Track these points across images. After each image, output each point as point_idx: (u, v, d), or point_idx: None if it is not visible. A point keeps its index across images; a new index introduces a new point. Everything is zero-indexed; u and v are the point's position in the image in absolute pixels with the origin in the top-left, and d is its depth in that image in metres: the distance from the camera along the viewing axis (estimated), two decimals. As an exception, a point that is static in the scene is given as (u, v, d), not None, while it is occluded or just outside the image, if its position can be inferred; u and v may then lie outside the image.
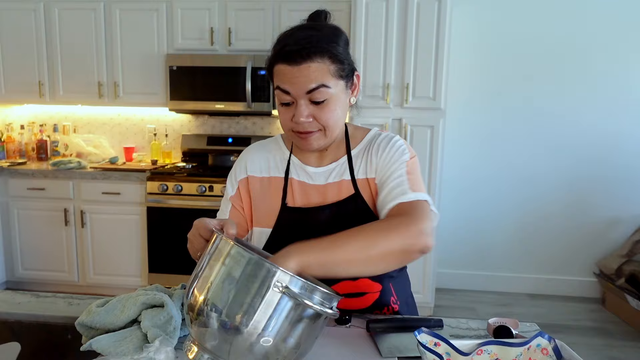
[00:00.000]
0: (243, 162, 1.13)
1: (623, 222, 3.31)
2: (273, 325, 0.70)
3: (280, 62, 0.93)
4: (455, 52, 3.19)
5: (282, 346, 0.71)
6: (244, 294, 0.70)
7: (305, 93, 0.93)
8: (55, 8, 3.27)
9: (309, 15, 1.03)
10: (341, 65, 0.95)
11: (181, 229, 3.01)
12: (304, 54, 0.91)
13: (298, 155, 1.10)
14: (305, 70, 0.91)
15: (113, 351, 0.85)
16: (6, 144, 3.53)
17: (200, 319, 0.72)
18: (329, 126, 0.97)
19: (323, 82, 0.93)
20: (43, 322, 1.05)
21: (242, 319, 0.69)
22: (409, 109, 2.87)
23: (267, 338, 0.70)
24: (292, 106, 0.96)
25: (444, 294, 3.38)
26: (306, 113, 0.95)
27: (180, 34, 3.19)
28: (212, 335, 0.71)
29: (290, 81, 0.93)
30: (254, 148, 1.15)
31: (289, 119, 0.97)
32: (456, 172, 3.40)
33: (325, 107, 0.95)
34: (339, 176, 1.06)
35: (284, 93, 0.95)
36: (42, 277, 3.27)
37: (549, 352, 0.82)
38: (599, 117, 3.25)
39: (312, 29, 0.96)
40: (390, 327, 0.97)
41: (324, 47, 0.92)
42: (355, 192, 1.04)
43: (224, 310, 0.70)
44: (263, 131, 3.53)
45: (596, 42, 3.19)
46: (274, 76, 0.97)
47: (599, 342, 2.73)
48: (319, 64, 0.92)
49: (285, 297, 0.70)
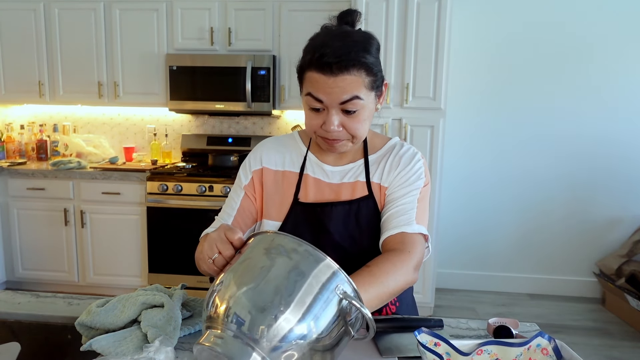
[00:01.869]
0: (258, 153, 1.13)
1: (623, 222, 3.31)
2: (326, 326, 0.70)
3: (314, 70, 0.92)
4: (455, 52, 3.20)
5: (318, 347, 0.71)
6: (308, 290, 0.70)
7: (339, 104, 0.94)
8: (55, 8, 3.27)
9: (339, 14, 1.01)
10: (375, 77, 0.96)
11: (181, 229, 3.03)
12: (341, 66, 0.90)
13: (316, 153, 1.11)
14: (341, 82, 0.92)
15: (113, 351, 0.85)
16: (6, 144, 3.53)
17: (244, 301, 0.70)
18: (357, 135, 0.99)
19: (357, 93, 0.93)
20: (43, 322, 1.05)
21: (300, 312, 0.68)
22: (409, 108, 2.87)
23: (316, 336, 0.69)
24: (322, 113, 0.96)
25: (444, 294, 3.38)
26: (337, 122, 0.96)
27: (180, 33, 3.19)
28: (254, 321, 0.69)
29: (324, 91, 0.93)
30: (270, 141, 1.16)
31: (318, 125, 0.98)
32: (456, 172, 3.40)
33: (355, 117, 0.96)
34: (354, 177, 1.08)
35: (315, 101, 0.95)
36: (42, 277, 3.27)
37: (549, 352, 0.82)
38: (599, 117, 3.25)
39: (348, 37, 0.94)
40: (391, 327, 0.97)
41: (361, 60, 0.92)
42: (369, 193, 1.06)
43: (282, 300, 0.69)
44: (263, 131, 3.53)
45: (596, 42, 3.19)
46: (305, 81, 0.96)
47: (599, 342, 2.73)
48: (355, 77, 0.92)
49: (342, 302, 0.71)
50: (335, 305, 0.71)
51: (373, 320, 0.72)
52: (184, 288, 1.08)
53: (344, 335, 0.73)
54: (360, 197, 1.06)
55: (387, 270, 0.89)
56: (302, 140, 1.14)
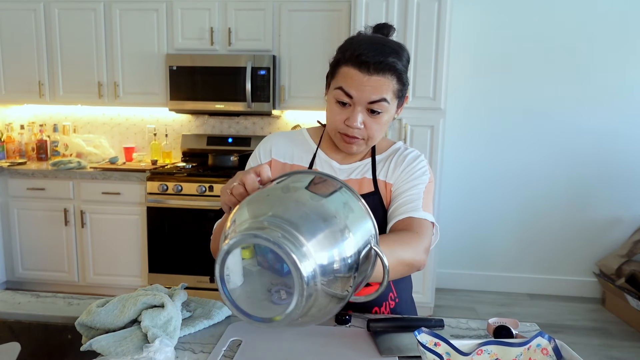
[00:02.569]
0: (268, 145, 1.15)
1: (623, 222, 3.31)
2: (356, 261, 0.69)
3: (351, 66, 0.96)
4: (455, 52, 3.20)
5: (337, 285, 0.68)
6: (357, 224, 0.71)
7: (367, 102, 0.97)
8: (55, 8, 3.27)
9: (375, 25, 1.05)
10: (402, 86, 1.00)
11: (181, 229, 3.03)
12: (377, 68, 0.95)
13: (325, 151, 1.14)
14: (375, 82, 0.96)
15: (113, 351, 0.85)
16: (6, 144, 3.53)
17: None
18: (373, 137, 1.03)
19: (385, 96, 0.97)
20: (43, 322, 1.05)
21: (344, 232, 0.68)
22: (409, 109, 2.87)
23: (339, 267, 0.67)
24: (347, 108, 1.00)
25: (444, 294, 3.38)
26: (361, 120, 0.99)
27: (180, 33, 3.19)
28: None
29: (357, 87, 0.96)
30: (280, 135, 1.18)
31: (342, 120, 1.01)
32: (456, 172, 3.40)
33: (377, 119, 1.00)
34: (361, 174, 1.11)
35: (345, 95, 0.98)
36: (42, 277, 3.27)
37: (549, 352, 0.82)
38: (599, 117, 3.25)
39: (386, 44, 0.98)
40: (391, 327, 0.97)
41: (396, 67, 0.96)
42: (375, 189, 1.09)
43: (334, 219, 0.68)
44: (263, 131, 3.53)
45: (596, 42, 3.19)
46: (338, 75, 0.99)
47: (599, 342, 2.73)
48: (387, 80, 0.96)
49: (371, 251, 0.72)
50: (365, 248, 0.71)
51: (388, 269, 0.71)
52: (184, 288, 1.08)
53: (354, 283, 0.71)
54: (366, 193, 1.08)
55: (396, 241, 0.91)
56: (311, 138, 1.17)
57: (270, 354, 0.87)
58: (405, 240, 0.92)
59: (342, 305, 0.72)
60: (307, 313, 0.67)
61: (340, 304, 0.72)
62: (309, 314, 0.68)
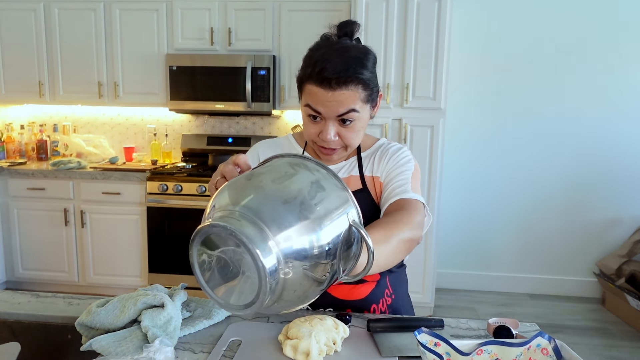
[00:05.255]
0: (255, 153, 1.18)
1: (623, 222, 3.31)
2: (331, 242, 0.67)
3: (314, 84, 0.96)
4: (455, 52, 3.20)
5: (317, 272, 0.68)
6: (327, 204, 0.69)
7: (336, 116, 0.98)
8: (55, 8, 3.27)
9: (338, 24, 1.03)
10: (370, 91, 1.00)
11: (181, 229, 3.03)
12: (340, 82, 0.94)
13: (311, 153, 1.16)
14: (339, 96, 0.96)
15: (113, 351, 0.85)
16: (6, 144, 3.53)
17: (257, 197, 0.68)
18: (351, 144, 1.04)
19: (353, 107, 0.97)
20: (43, 322, 1.05)
21: (318, 218, 0.66)
22: (409, 109, 2.87)
23: (318, 251, 0.66)
24: (319, 122, 1.01)
25: (444, 294, 3.38)
26: (333, 133, 1.00)
27: (180, 34, 3.19)
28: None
29: (322, 104, 0.97)
30: (266, 143, 1.20)
31: (316, 133, 1.02)
32: (456, 172, 3.40)
33: (351, 128, 1.01)
34: (347, 172, 1.12)
35: (314, 111, 0.99)
36: (42, 277, 3.27)
37: (549, 352, 0.82)
38: (599, 117, 3.25)
39: (347, 53, 0.96)
40: (391, 327, 0.97)
41: (359, 77, 0.96)
42: (362, 186, 1.10)
43: (305, 201, 0.67)
44: (263, 131, 3.53)
45: (596, 42, 3.19)
46: (305, 92, 1.00)
47: (599, 342, 2.73)
48: (352, 92, 0.96)
49: (351, 229, 0.70)
50: (343, 229, 0.69)
51: (372, 249, 0.69)
52: (184, 288, 1.08)
53: (338, 266, 0.71)
54: (354, 191, 1.09)
55: (390, 222, 0.91)
56: (296, 142, 1.19)
57: (269, 354, 0.87)
58: (397, 219, 0.92)
59: (323, 288, 0.71)
60: (281, 298, 0.67)
61: (320, 287, 0.70)
62: (283, 299, 0.68)
